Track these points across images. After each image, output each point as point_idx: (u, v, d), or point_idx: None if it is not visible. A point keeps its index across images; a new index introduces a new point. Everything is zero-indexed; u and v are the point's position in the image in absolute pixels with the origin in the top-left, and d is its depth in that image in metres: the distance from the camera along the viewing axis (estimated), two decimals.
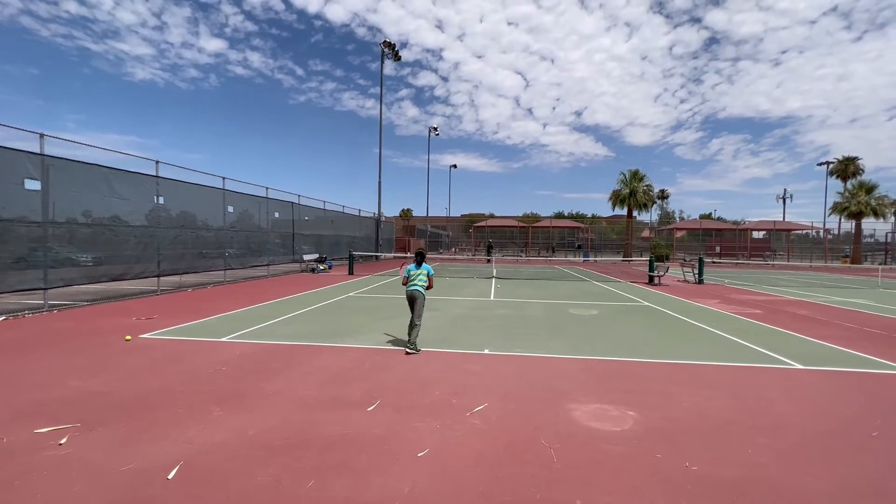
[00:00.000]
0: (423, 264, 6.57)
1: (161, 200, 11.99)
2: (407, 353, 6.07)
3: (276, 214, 18.39)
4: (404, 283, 6.59)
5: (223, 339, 6.66)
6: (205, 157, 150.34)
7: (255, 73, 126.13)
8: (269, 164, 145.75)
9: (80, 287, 10.25)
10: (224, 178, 14.60)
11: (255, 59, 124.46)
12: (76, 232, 9.81)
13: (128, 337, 6.61)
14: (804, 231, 45.15)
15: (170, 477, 2.85)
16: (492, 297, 12.01)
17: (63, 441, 3.31)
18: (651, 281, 17.02)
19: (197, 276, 14.11)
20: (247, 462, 3.07)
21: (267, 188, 17.30)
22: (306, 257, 20.34)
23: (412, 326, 6.28)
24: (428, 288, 6.51)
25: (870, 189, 35.94)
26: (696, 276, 17.89)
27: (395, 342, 6.68)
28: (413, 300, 6.37)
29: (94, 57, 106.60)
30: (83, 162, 9.75)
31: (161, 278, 11.90)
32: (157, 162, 11.73)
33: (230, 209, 15.03)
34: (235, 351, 6.03)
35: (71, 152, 9.59)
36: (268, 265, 17.50)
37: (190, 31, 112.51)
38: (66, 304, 9.38)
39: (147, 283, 12.01)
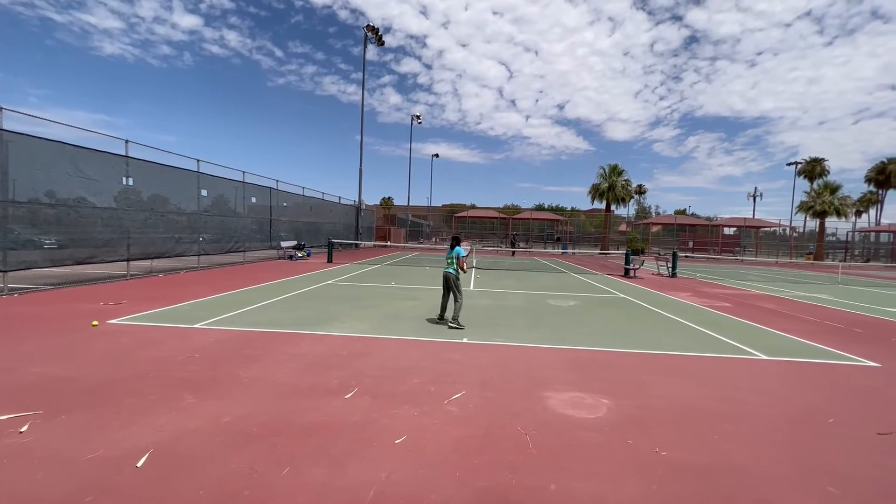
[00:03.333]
0: (456, 248, 7.32)
1: (131, 182, 11.51)
2: (450, 328, 6.87)
3: (253, 200, 17.94)
4: (464, 269, 7.36)
5: (197, 326, 6.49)
6: (179, 138, 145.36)
7: (231, 53, 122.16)
8: (246, 147, 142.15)
9: (44, 270, 9.80)
10: (199, 161, 14.13)
11: (231, 38, 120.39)
12: (39, 213, 9.32)
13: (95, 322, 6.37)
14: (772, 228, 46.90)
15: (139, 465, 2.77)
16: (472, 287, 12.07)
17: (24, 429, 3.17)
18: (627, 274, 17.40)
19: (169, 261, 13.68)
20: (221, 449, 3.01)
21: (244, 172, 16.87)
22: (284, 244, 19.96)
23: (455, 305, 7.11)
24: (460, 269, 7.28)
25: (834, 189, 37.47)
26: (670, 269, 18.38)
27: (375, 330, 6.65)
28: (445, 280, 7.29)
29: (59, 28, 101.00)
30: (46, 139, 9.25)
31: (131, 263, 11.48)
32: (127, 141, 11.24)
33: (204, 193, 14.57)
34: (210, 337, 5.88)
35: (33, 129, 9.09)
36: (244, 251, 17.11)
37: (163, 6, 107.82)
38: (27, 288, 8.96)
39: (116, 267, 11.59)
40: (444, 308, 7.52)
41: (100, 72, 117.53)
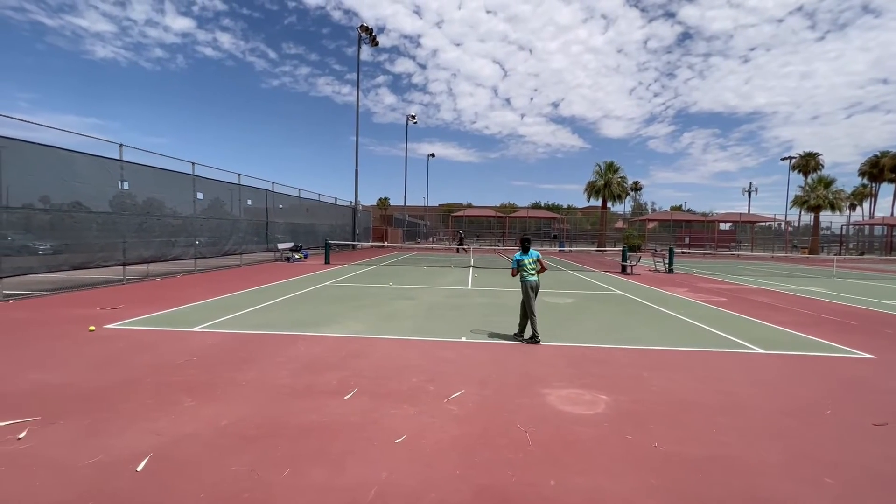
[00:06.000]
0: (531, 251, 6.55)
1: (126, 186, 11.46)
2: (537, 342, 6.13)
3: (249, 202, 17.88)
4: (514, 275, 6.61)
5: (194, 329, 6.48)
6: (172, 141, 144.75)
7: (225, 55, 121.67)
8: (241, 150, 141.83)
9: (39, 276, 9.75)
10: (194, 164, 14.09)
11: (225, 40, 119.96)
12: (33, 218, 9.28)
13: (91, 327, 6.34)
14: (767, 223, 47.14)
15: (139, 469, 2.77)
16: (469, 286, 12.08)
17: (22, 435, 3.17)
18: (624, 270, 17.46)
19: (166, 264, 13.64)
20: (220, 452, 3.01)
21: (239, 175, 16.81)
22: (281, 246, 19.91)
23: (532, 316, 6.24)
24: (541, 271, 6.53)
25: (828, 184, 37.71)
26: (667, 265, 18.45)
27: (373, 330, 6.65)
28: (536, 289, 6.38)
29: (49, 32, 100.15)
30: (40, 144, 9.20)
31: (127, 267, 11.44)
32: (121, 145, 11.19)
33: (200, 196, 14.52)
34: (207, 341, 5.88)
35: (26, 133, 9.07)
36: (240, 254, 17.06)
37: (154, 8, 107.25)
38: (23, 294, 8.91)
39: (112, 272, 11.54)
40: (525, 323, 6.42)
41: (92, 75, 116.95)
